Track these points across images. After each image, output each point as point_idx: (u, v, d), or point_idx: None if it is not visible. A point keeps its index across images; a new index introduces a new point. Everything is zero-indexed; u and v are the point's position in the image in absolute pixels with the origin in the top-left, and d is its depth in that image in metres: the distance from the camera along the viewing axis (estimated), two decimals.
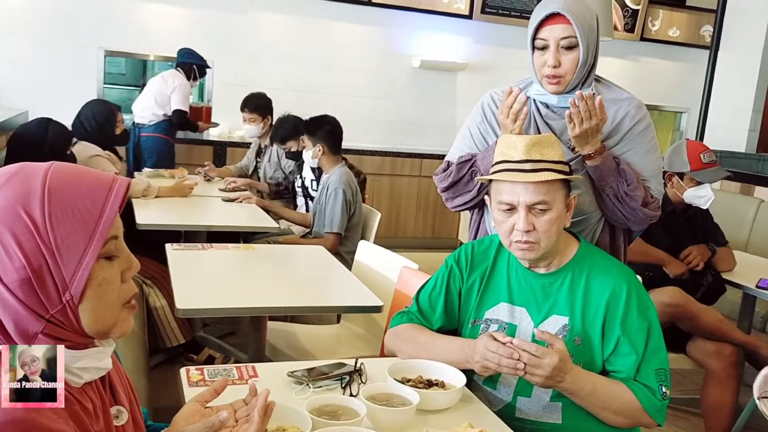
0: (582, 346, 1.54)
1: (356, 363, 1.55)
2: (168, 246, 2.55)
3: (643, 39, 7.15)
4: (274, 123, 4.21)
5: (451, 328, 1.70)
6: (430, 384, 1.47)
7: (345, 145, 5.66)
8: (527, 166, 1.49)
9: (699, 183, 2.80)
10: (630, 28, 7.04)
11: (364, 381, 1.51)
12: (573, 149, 1.78)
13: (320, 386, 1.46)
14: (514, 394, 1.56)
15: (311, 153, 3.49)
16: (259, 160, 4.51)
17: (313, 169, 3.86)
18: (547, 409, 1.53)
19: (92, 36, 5.59)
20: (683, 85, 7.38)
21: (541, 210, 1.50)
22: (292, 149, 4.01)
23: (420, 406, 1.36)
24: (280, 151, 4.18)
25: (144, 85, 7.07)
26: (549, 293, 1.59)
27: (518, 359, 1.40)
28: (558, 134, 1.78)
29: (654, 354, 1.51)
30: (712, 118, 6.27)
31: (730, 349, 2.61)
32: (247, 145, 5.24)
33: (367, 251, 2.76)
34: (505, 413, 1.52)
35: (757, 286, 2.74)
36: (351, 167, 3.67)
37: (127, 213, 2.93)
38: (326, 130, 3.49)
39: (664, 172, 2.86)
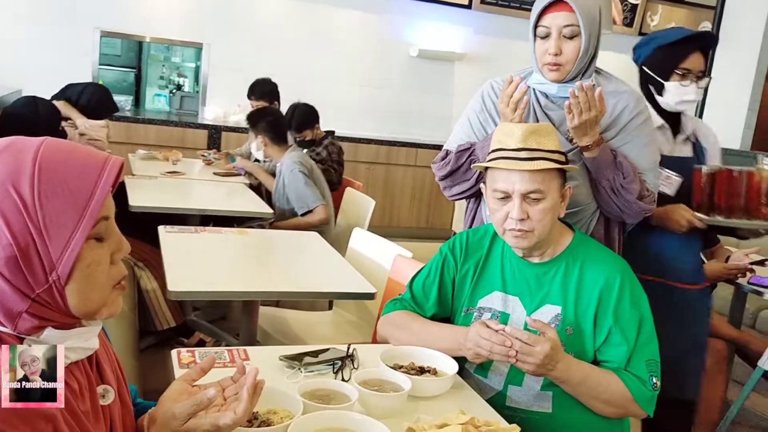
0: (574, 335, 1.54)
1: (348, 349, 1.54)
2: (161, 228, 2.54)
3: (641, 34, 7.13)
4: (286, 112, 4.20)
5: (445, 316, 1.69)
6: (422, 371, 1.47)
7: (340, 132, 5.68)
8: (523, 154, 1.48)
9: None
10: (629, 23, 7.04)
11: (356, 366, 1.50)
12: (571, 140, 1.77)
13: (312, 371, 1.46)
14: (505, 382, 1.56)
15: (255, 145, 3.59)
16: None
17: None
18: (537, 398, 1.53)
19: (88, 16, 5.54)
20: None
21: (535, 199, 1.49)
22: (307, 138, 4.04)
23: (412, 393, 1.36)
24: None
25: (140, 68, 7.04)
26: (542, 282, 1.59)
27: (510, 347, 1.40)
28: (557, 125, 1.78)
29: (645, 345, 1.52)
30: (708, 115, 6.28)
31: (721, 344, 2.63)
32: (242, 130, 5.22)
33: (361, 239, 2.75)
34: (496, 401, 1.52)
35: (749, 283, 2.75)
36: (333, 143, 3.91)
37: (120, 194, 2.92)
38: (267, 121, 3.56)
39: None
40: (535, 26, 1.76)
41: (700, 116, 5.73)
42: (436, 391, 1.40)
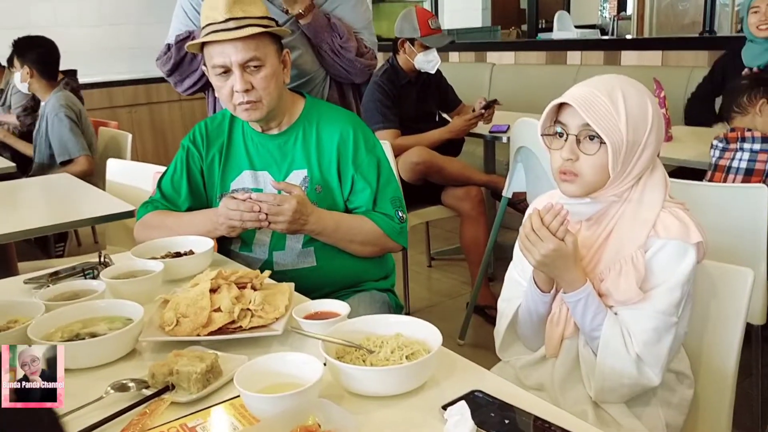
0: (323, 192, 1.61)
1: (101, 256, 1.49)
2: None
3: None
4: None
5: (201, 207, 1.69)
6: (178, 255, 1.46)
7: (91, 80, 5.24)
8: (231, 24, 1.48)
9: (427, 48, 2.99)
10: None
11: None
12: (287, 12, 1.81)
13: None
14: (269, 251, 1.61)
15: (20, 76, 3.23)
16: None
17: None
18: (301, 255, 1.60)
19: None
20: None
21: (255, 67, 1.51)
22: None
23: (169, 276, 1.36)
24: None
25: None
26: (285, 152, 1.63)
27: (259, 211, 1.44)
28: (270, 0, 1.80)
29: (387, 185, 1.64)
30: (448, 3, 6.69)
31: (475, 190, 2.91)
32: None
33: (117, 168, 2.63)
34: (264, 270, 1.57)
35: (489, 132, 3.05)
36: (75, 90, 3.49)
37: None
38: (38, 53, 3.20)
39: (396, 39, 3.02)
40: None
41: (439, 3, 6.07)
42: (194, 269, 1.41)
